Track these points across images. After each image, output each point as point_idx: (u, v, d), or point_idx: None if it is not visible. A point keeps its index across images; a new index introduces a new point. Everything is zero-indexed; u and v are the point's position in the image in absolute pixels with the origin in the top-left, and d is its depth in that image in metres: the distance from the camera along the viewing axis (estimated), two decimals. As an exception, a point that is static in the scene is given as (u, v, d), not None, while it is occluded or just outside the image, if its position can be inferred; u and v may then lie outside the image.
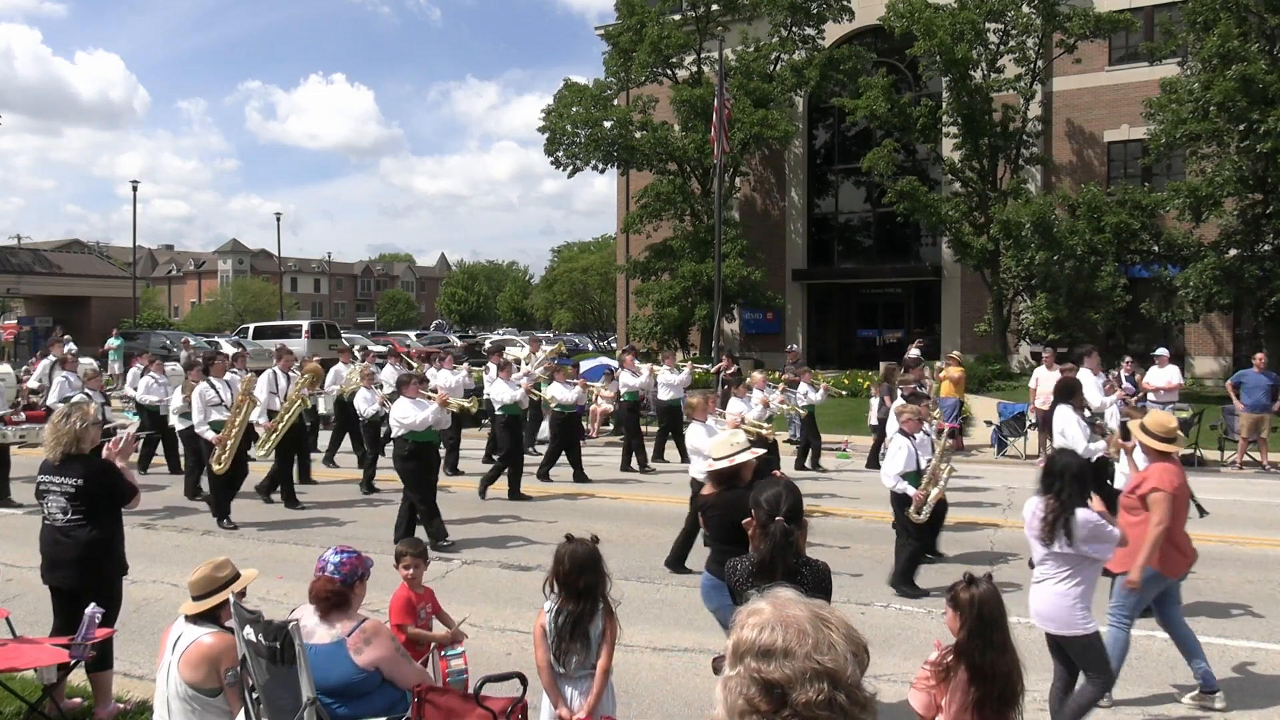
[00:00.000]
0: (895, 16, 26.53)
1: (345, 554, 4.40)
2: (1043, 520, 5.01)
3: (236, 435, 10.78)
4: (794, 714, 1.56)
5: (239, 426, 10.81)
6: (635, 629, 6.83)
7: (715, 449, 5.53)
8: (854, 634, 1.65)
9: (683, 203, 30.51)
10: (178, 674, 4.35)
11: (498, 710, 4.26)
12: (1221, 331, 27.15)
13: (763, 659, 1.60)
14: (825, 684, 1.57)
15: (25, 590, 7.73)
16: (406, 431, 9.81)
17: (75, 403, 6.88)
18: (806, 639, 1.60)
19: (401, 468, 9.96)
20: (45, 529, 5.65)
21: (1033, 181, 28.39)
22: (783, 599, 1.69)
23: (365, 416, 13.45)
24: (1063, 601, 5.00)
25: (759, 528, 3.99)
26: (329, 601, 4.24)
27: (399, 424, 9.85)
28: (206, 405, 11.07)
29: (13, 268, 46.40)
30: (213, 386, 11.19)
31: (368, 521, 11.22)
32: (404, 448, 9.86)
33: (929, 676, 3.81)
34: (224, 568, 4.60)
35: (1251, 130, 20.45)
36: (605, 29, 33.02)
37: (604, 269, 67.05)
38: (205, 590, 4.49)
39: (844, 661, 1.59)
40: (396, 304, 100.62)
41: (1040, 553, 5.09)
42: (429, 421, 9.87)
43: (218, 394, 11.18)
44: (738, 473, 5.38)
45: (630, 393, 15.36)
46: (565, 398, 13.79)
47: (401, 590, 5.28)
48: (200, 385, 11.21)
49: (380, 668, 4.21)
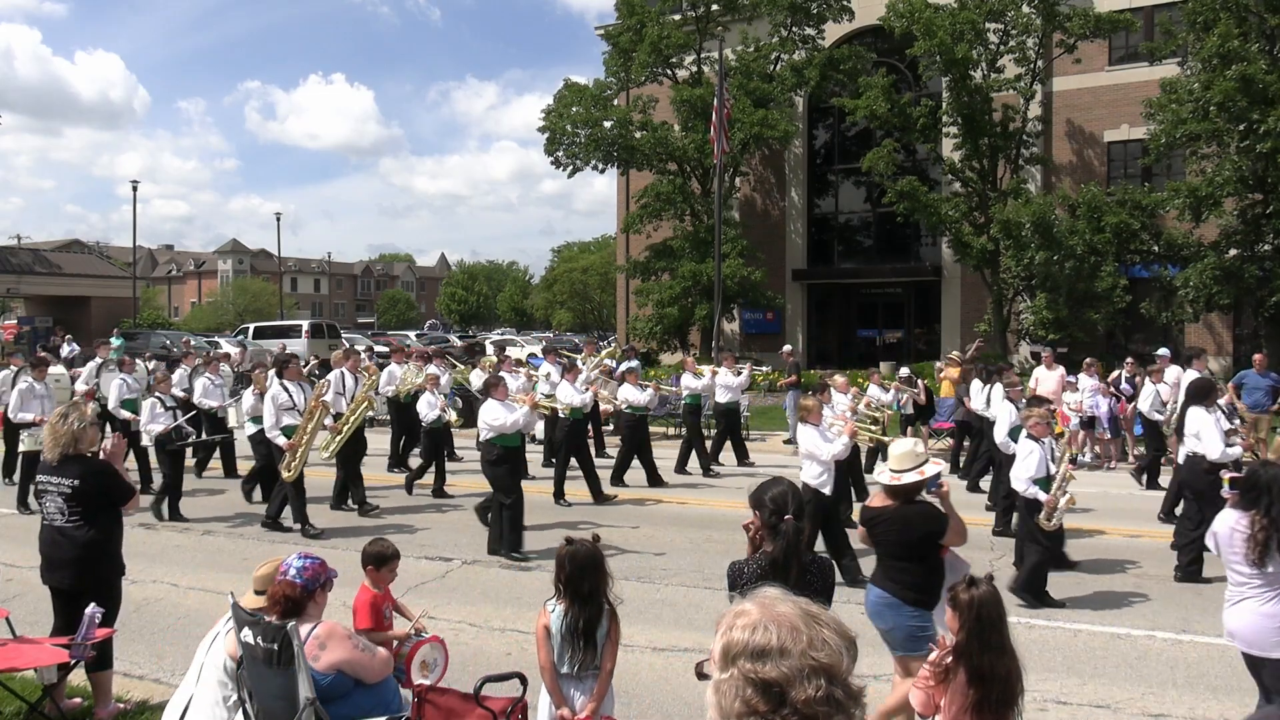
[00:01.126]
0: (895, 16, 26.52)
1: (309, 559, 4.37)
2: (1249, 539, 4.73)
3: (308, 442, 10.37)
4: (794, 712, 1.56)
5: (310, 433, 10.41)
6: (635, 629, 6.83)
7: (898, 460, 5.21)
8: (843, 628, 1.66)
9: (683, 203, 30.50)
10: (222, 645, 4.42)
11: (498, 710, 4.26)
12: (1221, 331, 27.14)
13: (757, 659, 1.59)
14: (823, 680, 1.57)
15: (25, 590, 7.73)
16: (495, 435, 9.50)
17: (73, 403, 6.88)
18: (800, 636, 1.60)
19: (491, 473, 9.62)
20: (44, 529, 5.65)
21: (1033, 181, 28.38)
22: (770, 598, 1.69)
23: (428, 422, 12.79)
24: (1268, 624, 4.75)
25: (766, 528, 3.97)
26: (284, 606, 4.20)
27: (488, 427, 9.52)
28: (279, 409, 10.60)
29: (13, 268, 46.38)
30: (285, 390, 10.76)
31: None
32: (492, 452, 9.55)
33: (928, 676, 3.81)
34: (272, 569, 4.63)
35: (1251, 130, 20.44)
36: (605, 29, 33.01)
37: (604, 269, 67.08)
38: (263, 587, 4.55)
39: (839, 656, 1.60)
40: (396, 304, 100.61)
41: (1246, 572, 4.80)
42: (519, 424, 9.60)
43: (290, 398, 10.73)
44: (918, 486, 5.19)
45: (692, 395, 14.96)
46: (638, 399, 13.35)
47: (365, 593, 5.13)
48: (273, 388, 10.80)
49: (342, 670, 4.18)
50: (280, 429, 10.53)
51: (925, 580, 5.02)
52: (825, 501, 8.52)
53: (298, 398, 10.77)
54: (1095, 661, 6.62)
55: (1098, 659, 6.67)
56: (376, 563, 5.19)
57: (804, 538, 3.94)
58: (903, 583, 5.03)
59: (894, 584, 5.04)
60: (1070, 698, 5.94)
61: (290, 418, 10.59)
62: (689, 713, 5.70)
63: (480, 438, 9.81)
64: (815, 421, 8.78)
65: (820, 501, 8.40)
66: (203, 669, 4.47)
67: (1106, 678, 6.30)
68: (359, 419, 11.30)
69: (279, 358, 12.34)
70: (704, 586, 8.33)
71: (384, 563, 5.20)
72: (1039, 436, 8.26)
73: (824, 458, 8.54)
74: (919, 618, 5.00)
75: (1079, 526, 10.92)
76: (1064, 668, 6.46)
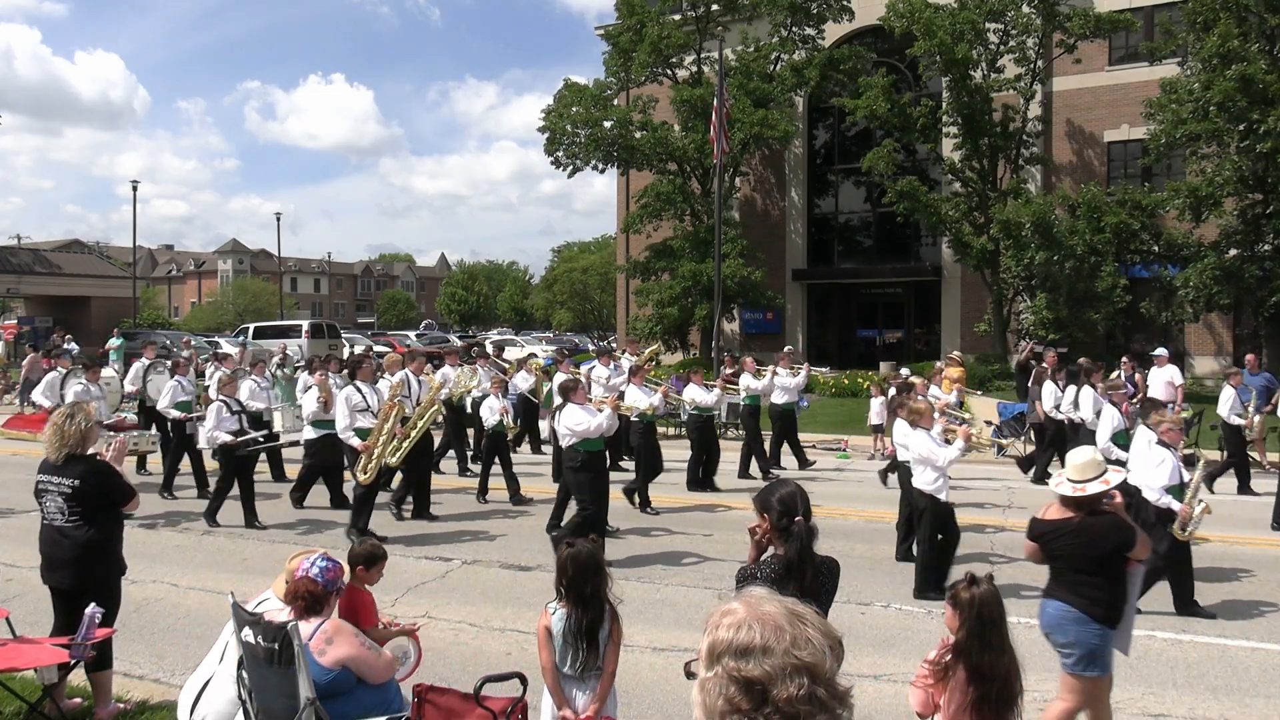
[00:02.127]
0: (895, 16, 26.53)
1: (330, 562, 4.42)
2: None
3: (383, 444, 10.10)
4: (775, 710, 1.56)
5: (386, 435, 10.12)
6: (635, 629, 6.83)
7: (1080, 470, 4.95)
8: (828, 628, 1.66)
9: (683, 203, 30.51)
10: None
11: (498, 710, 4.26)
12: (1221, 331, 27.15)
13: (741, 657, 1.60)
14: (805, 678, 1.57)
15: (25, 590, 7.73)
16: (579, 440, 9.22)
17: (77, 402, 6.88)
18: (784, 635, 1.60)
19: (574, 479, 9.34)
20: (44, 529, 5.65)
21: (1033, 181, 28.39)
22: (756, 597, 1.69)
23: (489, 427, 12.31)
24: None
25: (775, 531, 3.93)
26: (306, 602, 4.23)
27: (570, 432, 9.23)
28: (352, 411, 10.28)
29: (13, 268, 46.39)
30: (359, 391, 10.43)
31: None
32: (575, 458, 9.25)
33: (928, 675, 3.81)
34: None
35: (1251, 130, 20.45)
36: (605, 29, 33.02)
37: (604, 269, 67.07)
38: None
39: (822, 655, 1.60)
40: (396, 304, 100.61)
41: None
42: (603, 428, 9.32)
43: (364, 399, 10.39)
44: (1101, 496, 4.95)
45: (751, 396, 14.41)
46: (705, 400, 12.97)
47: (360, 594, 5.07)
48: (346, 389, 10.54)
49: (347, 666, 4.21)
50: (354, 430, 10.21)
51: (1112, 595, 4.85)
52: (942, 508, 8.19)
53: (371, 399, 10.47)
54: (1095, 661, 6.61)
55: (1098, 659, 6.66)
56: (367, 563, 5.16)
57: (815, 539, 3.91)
58: (1091, 598, 4.82)
59: (1081, 598, 4.83)
60: (1070, 698, 5.93)
61: (364, 419, 10.30)
62: (689, 713, 5.68)
63: (563, 442, 9.48)
64: (927, 425, 8.42)
65: (937, 508, 8.12)
66: (226, 648, 4.48)
67: (1106, 678, 6.29)
68: (427, 423, 10.87)
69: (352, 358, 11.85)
70: (704, 587, 8.33)
71: (374, 563, 5.17)
72: (1172, 443, 7.73)
73: (940, 463, 8.17)
74: (1103, 635, 4.83)
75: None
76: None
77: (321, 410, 11.86)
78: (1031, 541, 5.15)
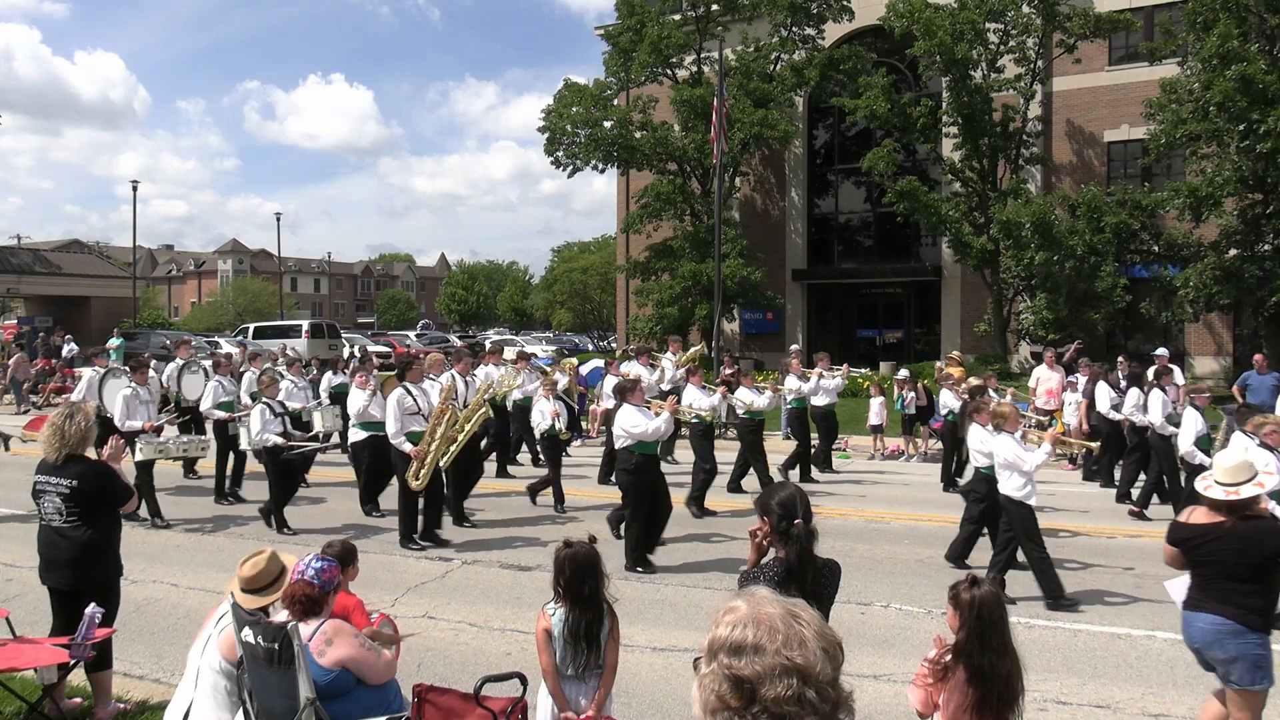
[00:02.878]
0: (895, 16, 26.52)
1: (325, 561, 4.43)
2: None
3: (437, 448, 9.79)
4: (763, 710, 1.57)
5: (439, 439, 9.80)
6: (635, 629, 6.83)
7: (1231, 473, 4.76)
8: (826, 631, 1.66)
9: (683, 203, 30.50)
10: (215, 646, 4.42)
11: (498, 710, 4.26)
12: (1221, 331, 27.14)
13: (734, 655, 1.61)
14: (794, 679, 1.57)
15: (25, 590, 7.73)
16: (634, 442, 8.97)
17: (75, 402, 6.88)
18: (777, 635, 1.61)
19: (626, 481, 9.12)
20: (43, 529, 5.64)
21: (1033, 181, 28.38)
22: (758, 597, 1.70)
23: (542, 430, 11.73)
24: None
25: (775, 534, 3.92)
26: (304, 605, 4.23)
27: (626, 434, 8.98)
28: (404, 414, 9.81)
29: (13, 268, 46.35)
30: (409, 393, 9.96)
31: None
32: (630, 460, 9.03)
33: (927, 674, 3.81)
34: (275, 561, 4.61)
35: (1251, 130, 20.43)
36: (605, 29, 33.02)
37: (604, 269, 66.95)
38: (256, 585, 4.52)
39: (814, 658, 1.60)
40: (396, 304, 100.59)
41: None
42: (660, 431, 9.07)
43: (415, 402, 9.94)
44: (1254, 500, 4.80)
45: (798, 399, 14.11)
46: (757, 403, 12.69)
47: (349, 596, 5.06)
48: (396, 392, 10.02)
49: (347, 667, 4.21)
50: (406, 435, 9.81)
51: (1267, 602, 4.69)
52: (1029, 514, 7.98)
53: (422, 401, 10.02)
54: (1095, 661, 6.62)
55: (1098, 659, 6.67)
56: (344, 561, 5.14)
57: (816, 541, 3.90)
58: (1246, 607, 4.63)
59: (1235, 608, 4.61)
60: (1070, 698, 5.94)
61: (415, 423, 9.89)
62: (689, 713, 5.68)
63: (618, 444, 9.27)
64: (1012, 429, 8.19)
65: (1023, 514, 7.93)
66: (199, 672, 4.47)
67: (1106, 678, 6.30)
68: (475, 426, 10.46)
69: (401, 358, 11.44)
70: (704, 587, 8.33)
71: (352, 561, 5.15)
72: (1275, 446, 7.54)
73: (1027, 468, 7.93)
74: (1263, 644, 4.66)
75: (1079, 527, 10.92)
76: (1064, 668, 6.46)
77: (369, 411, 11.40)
78: (1172, 546, 4.93)
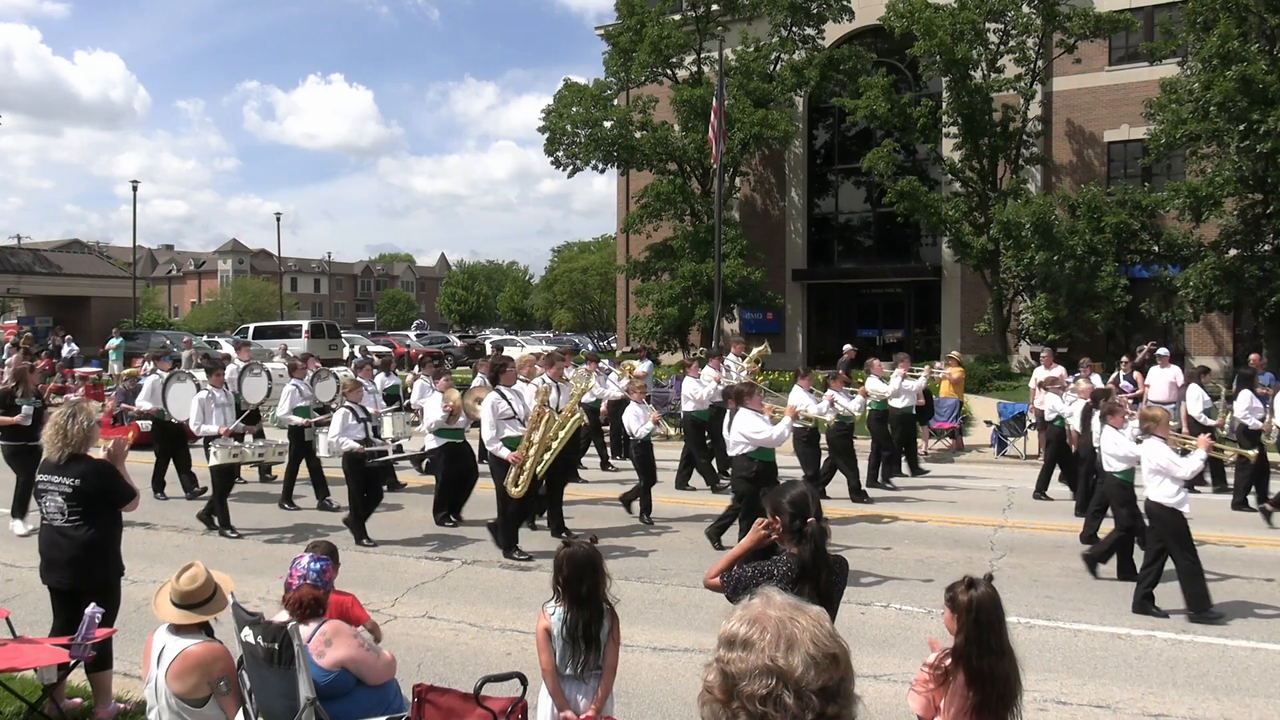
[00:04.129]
0: (895, 16, 26.53)
1: (322, 561, 4.41)
2: None
3: (535, 454, 9.48)
4: (741, 706, 1.61)
5: (538, 444, 9.50)
6: (635, 629, 6.83)
7: None
8: (825, 642, 1.66)
9: (683, 203, 30.51)
10: (165, 686, 4.24)
11: (498, 710, 4.26)
12: (1221, 331, 27.15)
13: (728, 648, 1.67)
14: (773, 680, 1.60)
15: (25, 590, 7.73)
16: (754, 449, 8.72)
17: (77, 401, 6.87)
18: (766, 635, 1.65)
19: (744, 488, 8.85)
20: (43, 529, 5.65)
21: (1033, 181, 28.38)
22: (772, 599, 1.74)
23: (638, 437, 11.21)
24: None
25: (789, 532, 3.93)
26: (310, 609, 4.24)
27: (746, 440, 8.73)
28: (499, 419, 9.49)
29: (13, 268, 46.35)
30: (504, 397, 9.63)
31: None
32: (749, 467, 8.77)
33: (928, 680, 3.80)
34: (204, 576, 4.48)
35: (1251, 130, 20.44)
36: (605, 29, 33.02)
37: (604, 269, 67.02)
38: (193, 601, 4.39)
39: (797, 662, 1.62)
40: (396, 304, 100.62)
41: None
42: (783, 437, 8.82)
43: (510, 406, 9.62)
44: None
45: (878, 401, 13.84)
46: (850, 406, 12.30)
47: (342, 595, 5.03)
48: (491, 396, 9.70)
49: (346, 667, 4.21)
50: (503, 440, 9.48)
51: None
52: (1180, 522, 7.74)
53: (518, 405, 9.70)
54: (1095, 661, 6.62)
55: (1098, 659, 6.67)
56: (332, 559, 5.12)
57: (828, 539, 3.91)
58: None
59: None
60: (1070, 698, 5.94)
61: (511, 428, 9.57)
62: (689, 713, 5.70)
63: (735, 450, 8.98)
64: (1163, 434, 7.84)
65: (1175, 522, 7.72)
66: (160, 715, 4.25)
67: (1106, 678, 6.30)
68: (570, 430, 10.06)
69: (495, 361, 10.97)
70: (704, 586, 8.32)
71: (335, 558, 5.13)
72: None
73: (1181, 474, 7.67)
74: None
75: (1079, 527, 10.92)
76: (1064, 668, 6.46)
77: (446, 418, 11.00)
78: None
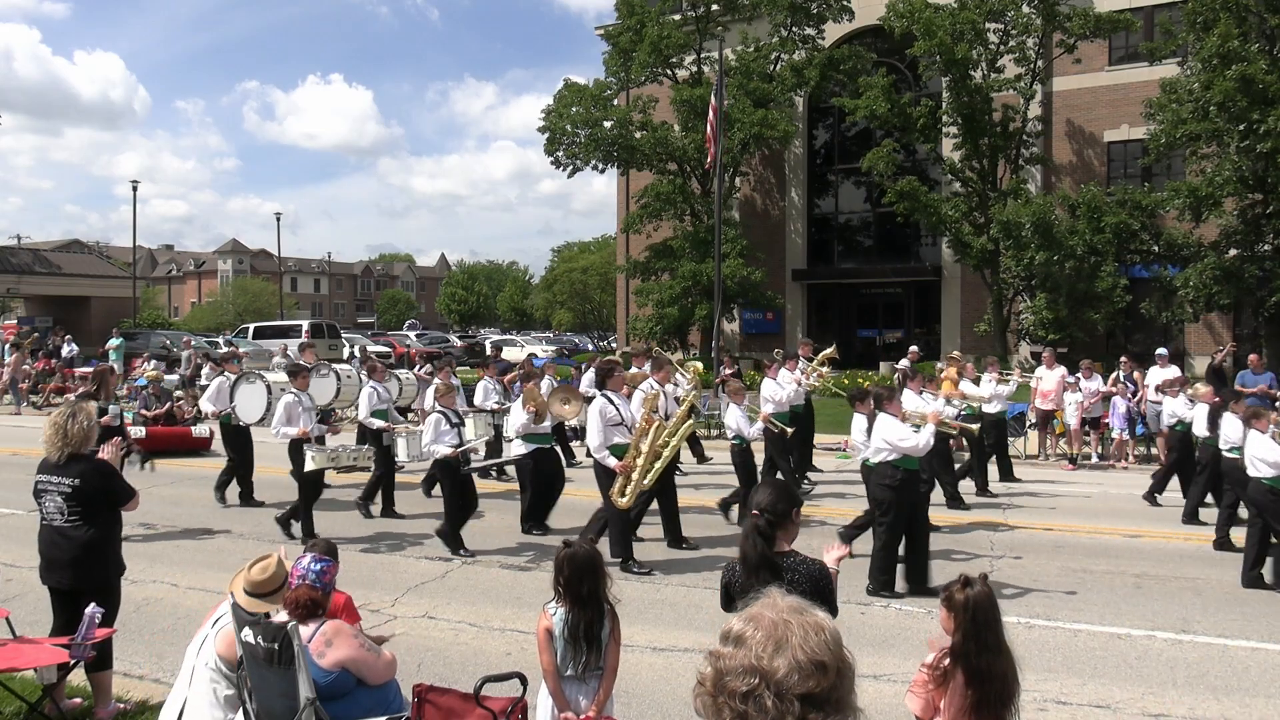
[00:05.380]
0: (895, 16, 26.54)
1: (323, 562, 4.39)
2: None
3: (645, 462, 9.15)
4: (725, 701, 1.66)
5: (647, 453, 9.15)
6: (635, 629, 6.83)
7: None
8: (814, 647, 1.66)
9: (683, 203, 30.52)
10: (212, 645, 4.44)
11: (498, 710, 4.26)
12: (1221, 331, 27.14)
13: (724, 644, 1.72)
14: (755, 680, 1.63)
15: (25, 590, 7.73)
16: (899, 457, 8.31)
17: (77, 401, 6.87)
18: (758, 635, 1.68)
19: (885, 496, 8.42)
20: (43, 529, 5.64)
21: (1033, 181, 28.40)
22: (777, 601, 1.77)
23: (749, 437, 10.87)
24: None
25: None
26: (308, 609, 4.23)
27: (890, 447, 8.35)
28: (606, 425, 9.16)
29: (13, 268, 46.33)
30: (612, 403, 9.29)
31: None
32: (893, 475, 8.31)
33: (926, 680, 3.81)
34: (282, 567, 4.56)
35: (1251, 130, 20.44)
36: (605, 29, 33.04)
37: (604, 269, 66.94)
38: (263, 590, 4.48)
39: (779, 665, 1.64)
40: (396, 304, 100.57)
41: None
42: (929, 445, 8.46)
43: (619, 412, 9.25)
44: None
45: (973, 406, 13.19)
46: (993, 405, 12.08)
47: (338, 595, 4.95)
48: (598, 401, 9.35)
49: (346, 668, 4.21)
50: (609, 448, 9.15)
51: None
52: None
53: (625, 412, 9.35)
54: (1095, 661, 6.62)
55: (1098, 659, 6.67)
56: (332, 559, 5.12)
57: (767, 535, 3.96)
58: None
59: None
60: (1070, 698, 5.94)
61: (619, 434, 9.22)
62: (689, 713, 5.68)
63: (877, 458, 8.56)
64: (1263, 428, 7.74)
65: None
66: (194, 670, 4.46)
67: (1106, 678, 6.29)
68: (681, 439, 9.68)
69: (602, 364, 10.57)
70: (704, 586, 8.33)
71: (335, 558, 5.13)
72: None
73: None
74: None
75: (1078, 527, 10.93)
76: (1064, 668, 6.46)
77: (532, 422, 10.53)
78: None
